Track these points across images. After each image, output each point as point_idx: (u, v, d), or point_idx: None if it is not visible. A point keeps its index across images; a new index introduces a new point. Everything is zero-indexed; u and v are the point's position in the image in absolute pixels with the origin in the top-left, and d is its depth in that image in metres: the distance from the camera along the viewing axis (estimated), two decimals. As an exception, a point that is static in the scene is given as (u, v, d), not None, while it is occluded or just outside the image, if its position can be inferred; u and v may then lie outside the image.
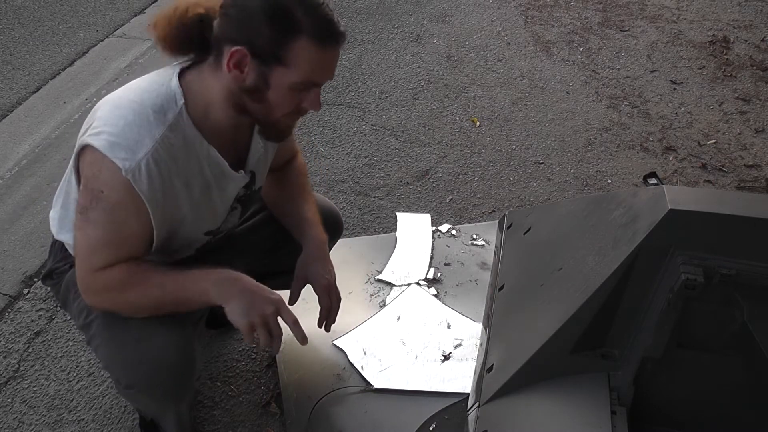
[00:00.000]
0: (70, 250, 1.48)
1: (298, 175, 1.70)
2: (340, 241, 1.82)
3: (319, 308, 1.76)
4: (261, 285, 1.39)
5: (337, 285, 1.64)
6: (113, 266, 1.31)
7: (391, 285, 2.10)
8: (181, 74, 1.31)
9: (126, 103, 1.27)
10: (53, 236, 1.53)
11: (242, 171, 1.43)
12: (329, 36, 1.23)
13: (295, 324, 1.39)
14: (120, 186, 1.23)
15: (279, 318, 1.38)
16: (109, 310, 1.36)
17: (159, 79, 1.31)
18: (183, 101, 1.28)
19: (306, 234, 1.62)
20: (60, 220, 1.47)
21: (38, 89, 3.10)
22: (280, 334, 1.38)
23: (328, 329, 1.62)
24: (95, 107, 1.31)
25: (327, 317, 1.60)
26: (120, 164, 1.21)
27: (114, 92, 1.32)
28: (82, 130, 1.31)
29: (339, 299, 1.62)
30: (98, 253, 1.30)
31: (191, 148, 1.31)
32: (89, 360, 1.88)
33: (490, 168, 2.70)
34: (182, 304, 1.37)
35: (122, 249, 1.31)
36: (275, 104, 1.28)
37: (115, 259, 1.31)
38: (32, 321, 2.01)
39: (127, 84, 1.33)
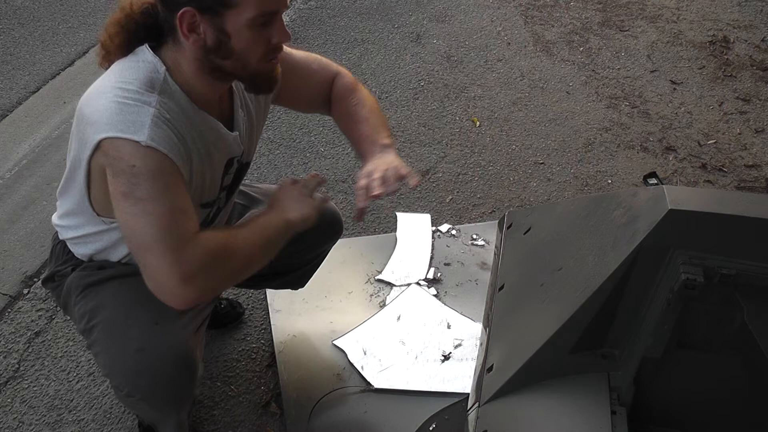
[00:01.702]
0: (76, 251, 1.47)
1: (343, 100, 1.61)
2: (340, 241, 1.82)
3: (319, 306, 1.77)
4: (280, 187, 1.44)
5: (337, 285, 1.64)
6: (200, 239, 1.22)
7: (391, 285, 2.10)
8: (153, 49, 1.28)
9: (109, 88, 1.24)
10: (55, 239, 1.52)
11: (236, 132, 1.41)
12: None
13: (315, 177, 1.47)
14: (147, 152, 1.19)
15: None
16: (203, 293, 1.25)
17: (132, 58, 1.28)
18: (165, 68, 1.26)
19: (363, 151, 1.53)
20: (65, 219, 1.46)
21: (38, 89, 3.10)
22: (317, 182, 1.46)
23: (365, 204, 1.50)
24: (77, 113, 1.28)
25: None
26: (135, 138, 1.18)
27: (87, 91, 1.29)
28: (76, 138, 1.28)
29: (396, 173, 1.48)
30: (176, 224, 1.21)
31: (185, 113, 1.28)
32: (89, 360, 1.88)
33: (490, 168, 2.70)
34: (274, 244, 1.36)
35: (189, 211, 1.24)
36: (245, 51, 1.24)
37: (189, 225, 1.23)
38: (32, 321, 2.01)
39: (101, 77, 1.30)
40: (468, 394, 1.69)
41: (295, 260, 1.75)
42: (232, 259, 1.27)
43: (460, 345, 1.90)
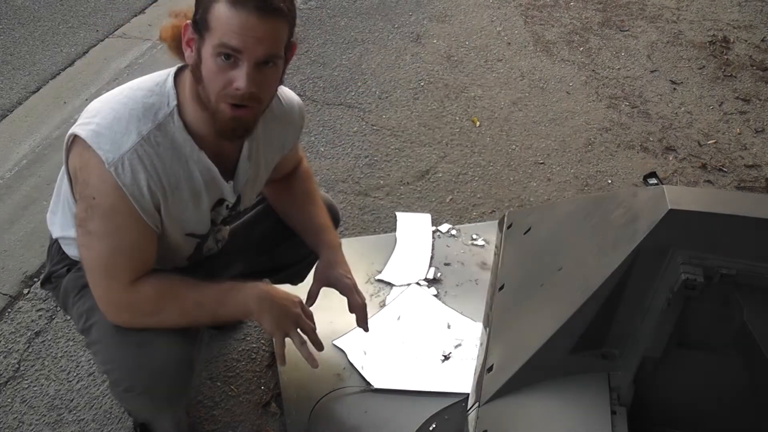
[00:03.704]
0: (67, 251, 1.48)
1: (304, 180, 1.69)
2: (341, 243, 1.82)
3: (319, 306, 1.75)
4: (284, 291, 1.43)
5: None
6: (141, 283, 1.30)
7: (391, 285, 2.10)
8: (178, 75, 1.31)
9: (118, 98, 1.27)
10: (51, 238, 1.52)
11: (231, 182, 1.40)
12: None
13: (312, 332, 1.45)
14: (108, 186, 1.22)
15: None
16: (135, 326, 1.34)
17: (156, 78, 1.30)
18: (176, 103, 1.27)
19: (320, 240, 1.62)
20: (54, 216, 1.47)
21: (38, 89, 3.10)
22: (312, 329, 1.44)
23: (366, 328, 1.63)
24: (89, 104, 1.32)
25: (362, 315, 1.62)
26: (103, 156, 1.21)
27: (111, 90, 1.32)
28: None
29: (364, 298, 1.64)
30: (113, 266, 1.28)
31: (180, 151, 1.29)
32: (89, 360, 1.88)
33: (490, 168, 2.70)
34: (219, 319, 1.41)
35: (133, 255, 1.30)
36: (207, 79, 1.21)
37: (131, 268, 1.30)
38: (32, 321, 2.01)
39: (125, 83, 1.33)
40: (468, 394, 1.69)
41: (293, 255, 1.76)
42: (162, 313, 1.34)
43: (460, 345, 1.90)
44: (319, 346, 1.46)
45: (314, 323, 1.46)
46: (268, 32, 1.20)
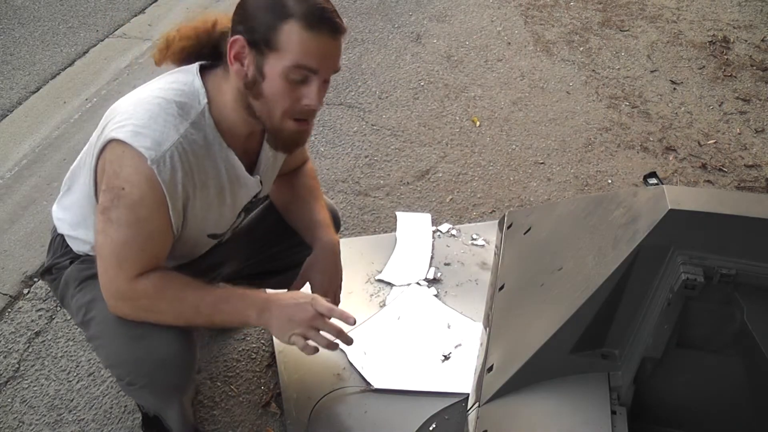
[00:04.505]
0: (73, 246, 1.48)
1: (308, 178, 1.70)
2: (339, 241, 1.82)
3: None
4: (290, 293, 1.42)
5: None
6: (143, 278, 1.30)
7: (391, 285, 2.10)
8: (203, 73, 1.32)
9: (150, 98, 1.28)
10: (54, 231, 1.52)
11: (257, 176, 1.44)
12: (319, 21, 1.22)
13: (332, 311, 1.39)
14: (142, 179, 1.23)
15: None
16: (134, 319, 1.34)
17: (181, 78, 1.31)
18: (206, 101, 1.29)
19: (316, 236, 1.62)
20: (63, 211, 1.47)
21: (38, 89, 3.11)
22: (335, 327, 1.40)
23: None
24: (113, 106, 1.31)
25: None
26: (146, 154, 1.21)
27: (132, 92, 1.32)
28: (99, 129, 1.30)
29: (337, 304, 1.62)
30: (124, 256, 1.29)
31: (210, 148, 1.31)
32: (89, 360, 1.88)
33: (490, 168, 2.70)
34: (216, 325, 1.40)
35: (147, 249, 1.30)
36: (273, 98, 1.25)
37: (141, 261, 1.30)
38: (32, 321, 2.01)
39: (145, 84, 1.33)
40: (468, 394, 1.69)
41: (291, 259, 1.76)
42: (157, 312, 1.33)
43: (460, 345, 1.90)
44: (347, 340, 1.42)
45: (339, 312, 1.40)
46: (338, 51, 1.27)
